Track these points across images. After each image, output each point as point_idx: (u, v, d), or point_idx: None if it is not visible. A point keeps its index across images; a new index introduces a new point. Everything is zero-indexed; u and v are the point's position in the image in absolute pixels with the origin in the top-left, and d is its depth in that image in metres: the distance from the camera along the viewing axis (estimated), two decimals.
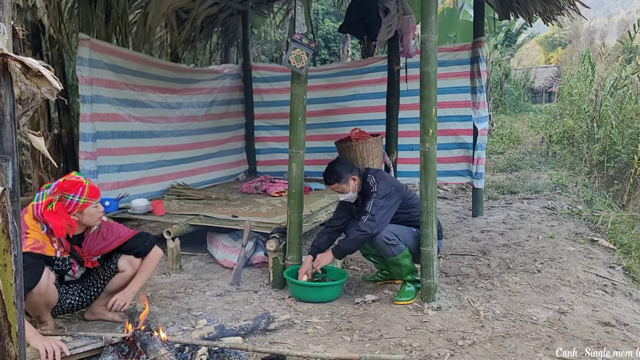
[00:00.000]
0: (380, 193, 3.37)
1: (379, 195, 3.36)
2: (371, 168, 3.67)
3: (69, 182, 2.69)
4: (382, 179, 3.46)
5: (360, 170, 3.59)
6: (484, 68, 5.72)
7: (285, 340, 2.84)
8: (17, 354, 1.47)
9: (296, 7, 3.61)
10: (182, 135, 5.98)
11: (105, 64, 4.70)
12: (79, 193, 2.68)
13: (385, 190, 3.37)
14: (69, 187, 2.67)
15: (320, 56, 12.53)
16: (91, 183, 2.77)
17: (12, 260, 1.43)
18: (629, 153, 7.40)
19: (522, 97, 19.65)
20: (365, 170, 3.61)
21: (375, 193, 3.38)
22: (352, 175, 3.49)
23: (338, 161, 3.61)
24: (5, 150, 1.39)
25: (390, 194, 3.38)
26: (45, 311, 2.80)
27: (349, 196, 3.55)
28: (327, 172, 3.53)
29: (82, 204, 2.69)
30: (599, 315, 3.16)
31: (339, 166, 3.50)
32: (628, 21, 27.13)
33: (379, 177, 3.48)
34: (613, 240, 5.06)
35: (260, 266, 4.23)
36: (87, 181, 2.75)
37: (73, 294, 2.97)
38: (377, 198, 3.36)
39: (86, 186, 2.71)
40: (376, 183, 3.42)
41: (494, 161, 9.83)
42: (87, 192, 2.70)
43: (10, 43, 1.39)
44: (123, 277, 3.02)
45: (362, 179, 3.53)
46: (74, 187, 2.68)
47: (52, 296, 2.72)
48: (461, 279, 3.83)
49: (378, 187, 3.39)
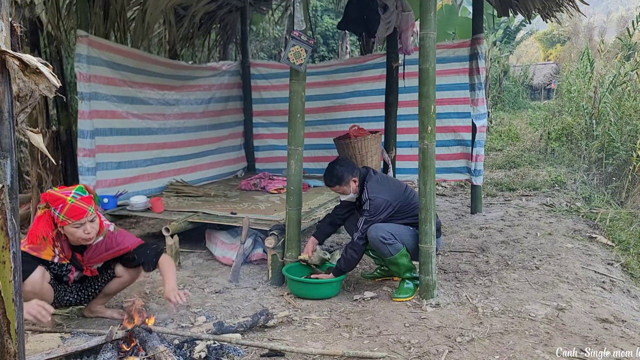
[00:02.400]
0: (371, 211, 3.39)
1: (370, 214, 3.39)
2: (369, 170, 3.60)
3: (52, 195, 2.66)
4: (375, 196, 3.40)
5: (360, 171, 3.58)
6: (483, 65, 5.71)
7: (284, 337, 2.85)
8: (16, 351, 1.47)
9: (295, 4, 3.59)
10: (181, 132, 5.98)
11: (103, 61, 4.69)
12: (58, 209, 2.63)
13: (376, 209, 3.38)
14: (51, 200, 2.65)
15: (319, 53, 12.52)
16: (76, 203, 2.63)
17: (11, 258, 1.43)
18: (627, 150, 7.41)
19: (521, 94, 19.64)
20: (365, 172, 3.58)
21: (367, 212, 3.40)
22: (353, 177, 3.51)
23: (338, 162, 3.59)
24: (3, 147, 1.39)
25: (381, 210, 3.39)
26: None
27: (350, 197, 3.60)
28: (328, 173, 3.54)
29: (61, 220, 2.64)
30: (597, 311, 3.17)
31: (340, 168, 3.50)
32: (627, 18, 27.12)
33: (372, 191, 3.42)
34: (611, 237, 5.07)
35: (259, 263, 4.23)
36: (71, 199, 2.63)
37: (71, 292, 2.96)
38: (368, 217, 3.39)
39: (67, 204, 2.61)
40: (368, 200, 3.40)
41: (492, 158, 9.83)
42: (67, 211, 2.61)
43: (9, 40, 1.39)
44: (121, 282, 3.06)
45: (361, 181, 3.53)
46: (55, 202, 2.64)
47: (46, 295, 2.72)
48: (460, 276, 3.84)
49: (370, 205, 3.39)
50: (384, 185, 3.51)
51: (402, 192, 3.53)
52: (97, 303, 3.09)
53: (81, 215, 2.65)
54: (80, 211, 2.65)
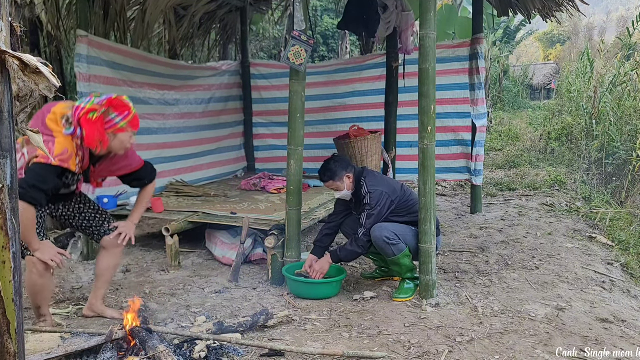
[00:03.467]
0: (372, 204, 3.37)
1: (372, 207, 3.37)
2: (365, 169, 3.60)
3: (119, 101, 2.65)
4: (374, 188, 3.40)
5: (355, 168, 3.57)
6: (483, 65, 5.71)
7: (284, 337, 2.85)
8: (16, 351, 1.47)
9: (295, 4, 3.59)
10: (181, 132, 5.97)
11: (103, 61, 4.68)
12: (122, 116, 2.65)
13: (377, 201, 3.37)
14: (117, 105, 2.64)
15: (319, 53, 12.52)
16: (137, 114, 2.75)
17: (11, 257, 1.43)
18: (627, 150, 7.41)
19: (521, 94, 19.64)
20: (361, 170, 3.58)
21: (368, 205, 3.38)
22: (347, 173, 3.49)
23: (333, 159, 3.59)
24: (3, 147, 1.39)
25: (382, 203, 3.38)
26: (44, 303, 2.83)
27: (344, 194, 3.56)
28: (322, 169, 3.54)
29: (120, 127, 2.66)
30: (597, 311, 3.17)
31: (333, 164, 3.50)
32: (627, 18, 27.16)
33: (371, 185, 3.42)
34: (611, 237, 5.07)
35: (259, 263, 4.23)
36: (134, 109, 2.73)
37: (64, 205, 2.99)
38: (370, 210, 3.37)
39: (132, 113, 2.69)
40: (368, 193, 3.39)
41: (492, 158, 9.83)
42: (131, 119, 2.69)
43: (8, 40, 1.39)
44: (108, 255, 3.05)
45: (356, 178, 3.51)
46: (121, 108, 2.65)
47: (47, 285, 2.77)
48: (460, 276, 3.84)
49: (370, 198, 3.38)
50: (382, 180, 3.53)
51: (399, 189, 3.53)
52: (96, 298, 3.09)
53: (138, 125, 2.78)
54: (138, 122, 2.77)
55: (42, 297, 2.80)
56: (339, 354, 2.53)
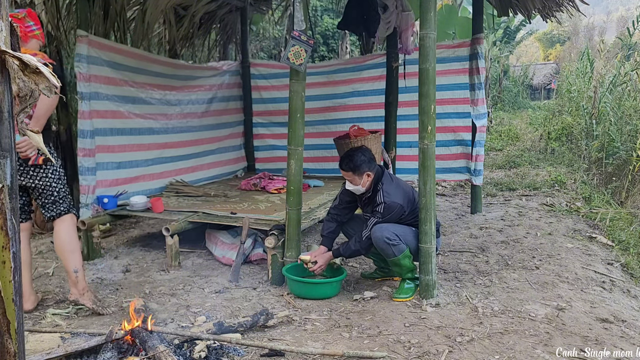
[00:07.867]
0: (385, 214, 3.35)
1: (384, 217, 3.35)
2: (384, 171, 3.51)
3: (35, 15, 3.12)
4: (390, 200, 3.34)
5: (377, 170, 3.50)
6: (483, 65, 5.71)
7: (284, 337, 2.85)
8: (16, 351, 1.47)
9: (295, 4, 3.59)
10: (181, 132, 5.97)
11: (103, 61, 4.69)
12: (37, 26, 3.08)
13: (390, 213, 3.34)
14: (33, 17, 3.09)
15: (319, 53, 12.51)
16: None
17: (11, 257, 1.43)
18: (627, 150, 7.40)
19: (521, 94, 19.67)
20: (381, 171, 3.50)
21: (379, 213, 3.36)
22: (369, 171, 3.43)
23: (361, 151, 3.49)
24: (3, 147, 1.39)
25: (394, 215, 3.36)
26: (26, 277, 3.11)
27: (355, 189, 3.51)
28: (347, 157, 3.46)
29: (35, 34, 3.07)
30: (597, 311, 3.17)
31: (361, 157, 3.42)
32: (627, 18, 27.17)
33: (387, 194, 3.36)
34: (611, 237, 5.07)
35: (259, 263, 4.24)
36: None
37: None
38: (380, 218, 3.35)
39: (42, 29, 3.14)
40: (383, 203, 3.34)
41: (492, 158, 9.83)
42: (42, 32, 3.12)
43: (8, 40, 1.39)
44: (59, 241, 3.17)
45: (375, 180, 3.47)
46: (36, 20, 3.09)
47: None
48: (460, 276, 3.84)
49: (384, 208, 3.34)
50: (399, 189, 3.44)
51: (414, 199, 3.47)
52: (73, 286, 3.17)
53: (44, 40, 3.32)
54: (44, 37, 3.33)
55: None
56: (339, 354, 2.53)
